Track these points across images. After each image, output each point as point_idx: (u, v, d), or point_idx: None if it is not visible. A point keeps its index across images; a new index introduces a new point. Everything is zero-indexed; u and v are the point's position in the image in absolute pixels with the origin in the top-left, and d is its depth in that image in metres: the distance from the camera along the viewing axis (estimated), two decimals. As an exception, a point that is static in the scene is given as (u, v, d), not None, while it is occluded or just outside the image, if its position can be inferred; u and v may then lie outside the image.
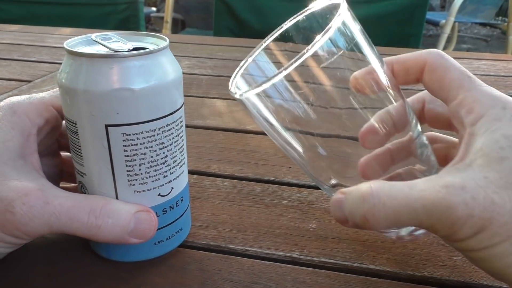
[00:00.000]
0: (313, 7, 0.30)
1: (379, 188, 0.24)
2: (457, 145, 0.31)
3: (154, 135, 0.25)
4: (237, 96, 0.26)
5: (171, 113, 0.26)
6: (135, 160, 0.25)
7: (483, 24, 3.48)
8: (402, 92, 0.29)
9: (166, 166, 0.27)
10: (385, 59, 0.30)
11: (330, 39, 0.24)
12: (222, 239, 0.34)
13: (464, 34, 3.63)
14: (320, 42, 0.24)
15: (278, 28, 0.31)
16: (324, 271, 0.31)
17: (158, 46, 0.26)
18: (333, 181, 0.30)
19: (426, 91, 0.30)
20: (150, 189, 0.27)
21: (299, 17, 0.30)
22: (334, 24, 0.24)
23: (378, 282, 0.30)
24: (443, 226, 0.23)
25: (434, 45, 2.35)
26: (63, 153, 0.35)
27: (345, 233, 0.34)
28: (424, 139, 0.30)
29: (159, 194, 0.28)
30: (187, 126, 0.51)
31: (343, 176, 0.29)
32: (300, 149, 0.28)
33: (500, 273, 0.24)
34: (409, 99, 0.33)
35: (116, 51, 0.25)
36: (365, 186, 0.24)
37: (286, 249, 0.33)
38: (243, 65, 0.30)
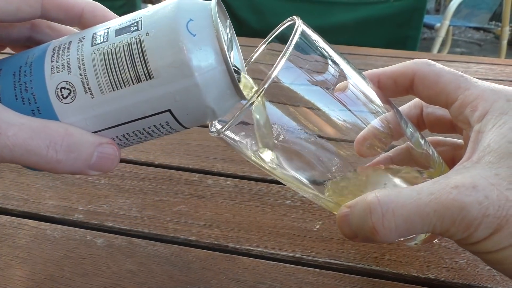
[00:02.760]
0: (275, 33, 0.29)
1: (385, 196, 0.23)
2: (462, 147, 0.31)
3: (172, 132, 0.25)
4: (214, 134, 0.25)
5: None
6: (143, 135, 0.24)
7: (477, 29, 3.51)
8: (390, 100, 0.29)
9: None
10: (370, 72, 0.30)
11: (289, 59, 0.24)
12: (226, 238, 0.34)
13: (458, 38, 3.66)
14: (280, 65, 0.23)
15: (250, 56, 0.30)
16: (329, 272, 0.31)
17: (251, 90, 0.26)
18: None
19: None
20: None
21: (262, 47, 0.30)
22: (289, 48, 0.24)
23: (383, 284, 0.30)
24: (457, 229, 0.22)
25: (429, 48, 2.37)
26: None
27: (349, 234, 0.34)
28: (419, 136, 0.29)
29: None
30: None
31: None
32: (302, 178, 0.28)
33: None
34: (405, 106, 0.33)
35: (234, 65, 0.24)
36: (370, 196, 0.23)
37: (290, 249, 0.33)
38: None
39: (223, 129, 0.25)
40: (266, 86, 0.23)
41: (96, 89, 0.22)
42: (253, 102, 0.23)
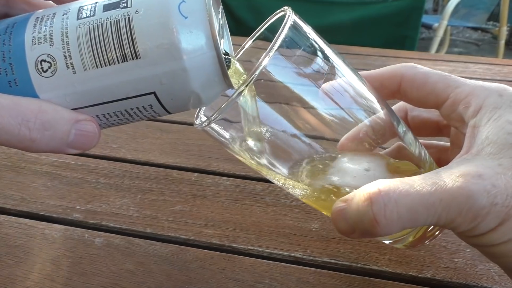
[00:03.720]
0: (265, 24, 0.28)
1: (387, 186, 0.22)
2: (448, 149, 0.31)
3: (155, 116, 0.24)
4: (199, 127, 0.25)
5: None
6: (124, 116, 0.23)
7: (475, 29, 3.52)
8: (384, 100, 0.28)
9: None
10: None
11: (278, 51, 0.23)
12: (224, 238, 0.34)
13: (456, 38, 3.66)
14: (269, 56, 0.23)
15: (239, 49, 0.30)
16: (327, 271, 0.31)
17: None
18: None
19: None
20: None
21: (249, 42, 0.29)
22: (278, 39, 0.23)
23: (381, 283, 0.30)
24: (464, 219, 0.21)
25: (427, 48, 2.37)
26: None
27: (348, 234, 0.34)
28: (411, 136, 0.29)
29: None
30: (185, 124, 0.51)
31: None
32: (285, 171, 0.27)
33: None
34: None
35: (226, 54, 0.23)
36: (370, 187, 0.22)
37: (289, 249, 0.33)
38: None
39: (211, 118, 0.24)
40: (256, 73, 0.22)
41: (79, 65, 0.21)
42: (242, 92, 0.23)
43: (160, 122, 0.52)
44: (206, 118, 0.25)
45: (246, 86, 0.23)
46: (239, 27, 1.25)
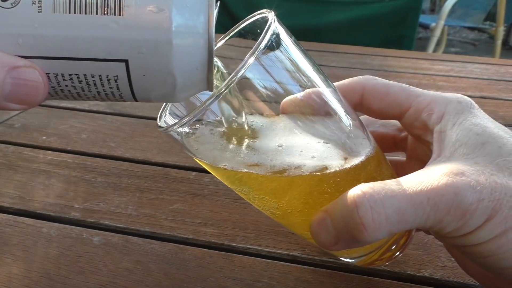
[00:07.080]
0: (242, 24, 0.28)
1: (370, 188, 0.21)
2: (404, 163, 0.31)
3: (115, 95, 0.21)
4: (167, 130, 0.23)
5: None
6: (80, 84, 0.20)
7: (472, 28, 3.53)
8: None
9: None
10: (316, 89, 0.30)
11: (257, 58, 0.22)
12: (223, 236, 0.34)
13: (453, 38, 3.68)
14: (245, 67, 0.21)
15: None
16: (325, 270, 0.31)
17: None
18: None
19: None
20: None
21: (220, 42, 0.28)
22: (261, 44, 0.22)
23: (378, 282, 0.30)
24: (453, 217, 0.20)
25: (424, 48, 2.38)
26: None
27: (346, 233, 0.34)
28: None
29: None
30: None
31: None
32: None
33: None
34: None
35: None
36: (353, 191, 0.21)
37: (287, 247, 0.33)
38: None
39: (185, 120, 0.22)
40: (238, 76, 0.21)
41: (48, 4, 0.18)
42: (223, 93, 0.21)
43: (158, 121, 0.52)
44: (172, 122, 0.23)
45: (228, 88, 0.21)
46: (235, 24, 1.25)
